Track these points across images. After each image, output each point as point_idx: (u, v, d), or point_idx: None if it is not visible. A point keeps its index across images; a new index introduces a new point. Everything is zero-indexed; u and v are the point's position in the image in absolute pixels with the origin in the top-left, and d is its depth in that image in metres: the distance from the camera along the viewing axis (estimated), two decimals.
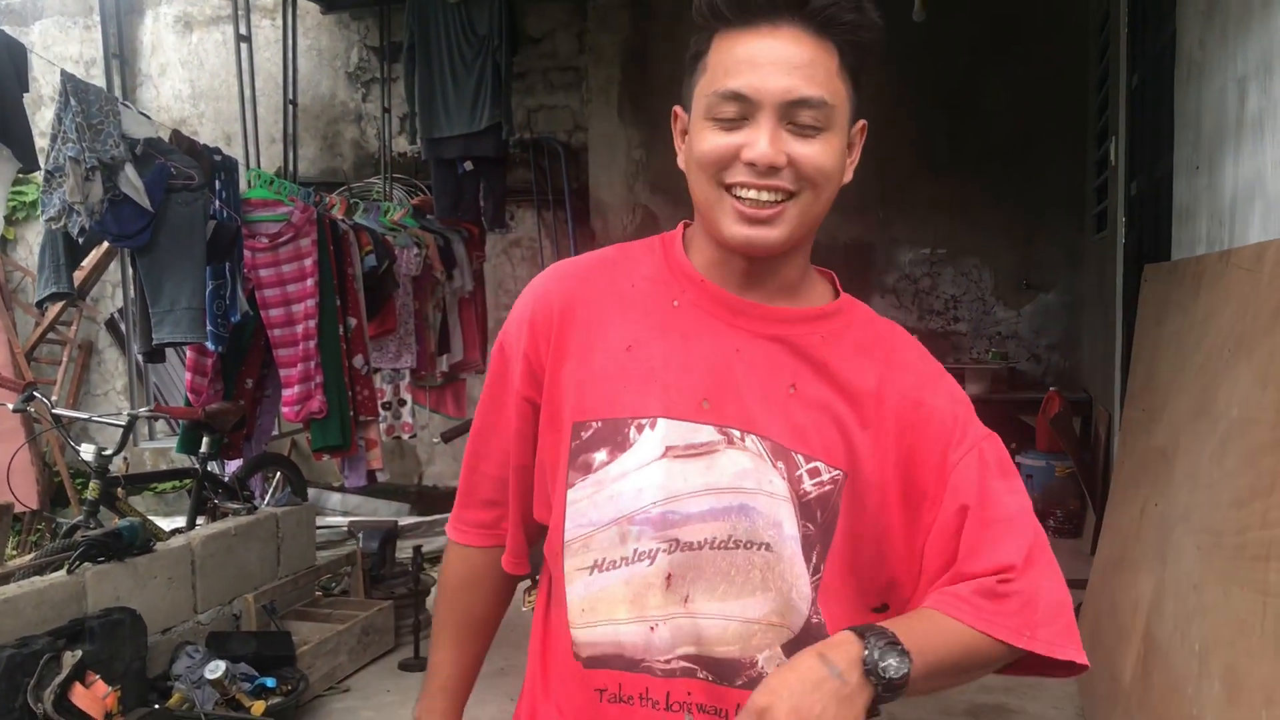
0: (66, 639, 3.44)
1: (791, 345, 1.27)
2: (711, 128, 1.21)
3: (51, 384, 8.10)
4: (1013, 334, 7.61)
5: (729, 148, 1.20)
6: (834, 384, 1.26)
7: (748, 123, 1.19)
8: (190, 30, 8.24)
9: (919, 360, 1.32)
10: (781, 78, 1.17)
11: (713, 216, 1.23)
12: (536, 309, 1.34)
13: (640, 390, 1.26)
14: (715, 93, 1.20)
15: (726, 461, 1.23)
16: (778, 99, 1.17)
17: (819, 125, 1.19)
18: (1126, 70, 5.18)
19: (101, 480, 4.33)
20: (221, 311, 4.48)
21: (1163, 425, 3.44)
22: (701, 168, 1.23)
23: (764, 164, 1.17)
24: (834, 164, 1.22)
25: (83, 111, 3.83)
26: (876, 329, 1.33)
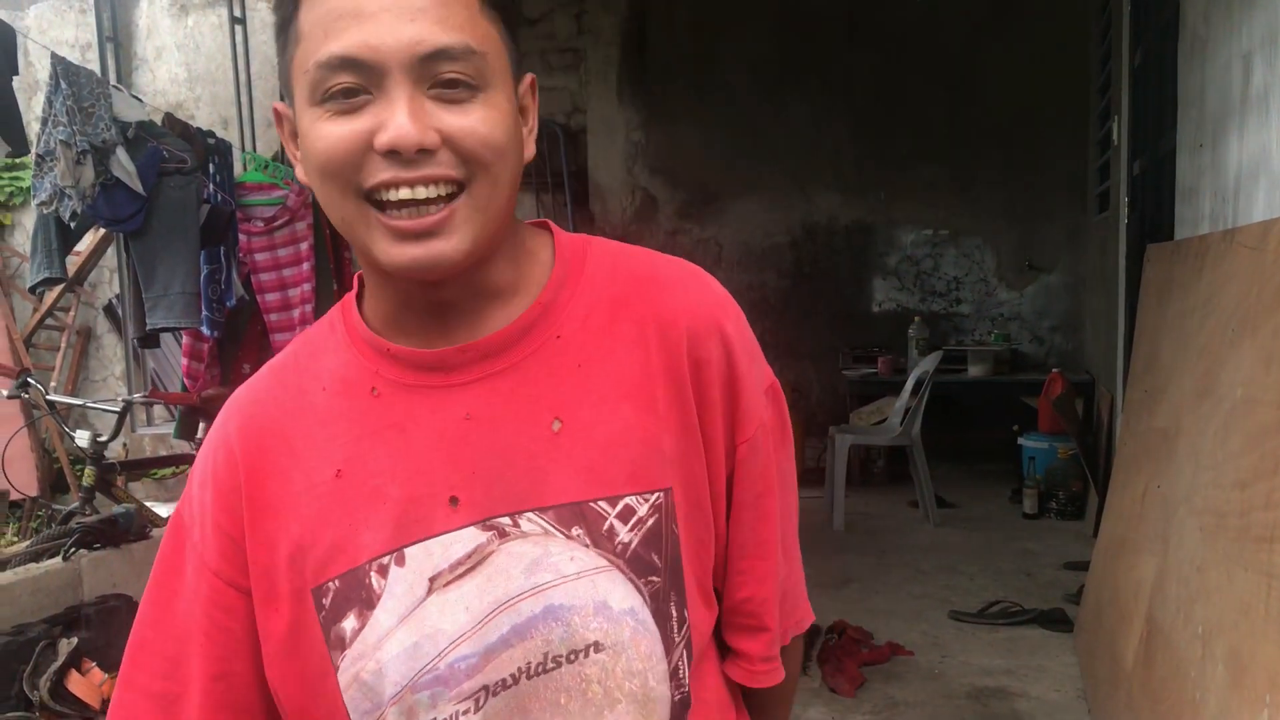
0: (62, 626, 3.42)
1: (535, 368, 0.97)
2: (323, 117, 0.88)
3: (50, 370, 8.07)
4: (1015, 315, 7.57)
5: (354, 137, 0.87)
6: (606, 381, 0.97)
7: (372, 99, 0.87)
8: (186, 13, 8.18)
9: (684, 295, 1.02)
10: (404, 25, 0.86)
11: (361, 240, 0.91)
12: (217, 463, 1.01)
13: (370, 522, 0.95)
14: (316, 64, 0.87)
15: (507, 562, 0.93)
16: (406, 55, 0.86)
17: (472, 82, 0.89)
18: (1129, 47, 5.13)
19: (97, 466, 4.30)
20: (217, 296, 4.46)
21: (1165, 406, 3.41)
22: (325, 174, 0.90)
23: (408, 146, 0.86)
24: (505, 132, 0.91)
25: (73, 95, 3.80)
26: (621, 273, 1.03)
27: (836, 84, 7.47)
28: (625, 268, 1.04)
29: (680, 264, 1.06)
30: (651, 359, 0.99)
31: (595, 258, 1.04)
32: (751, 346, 1.04)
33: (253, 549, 0.98)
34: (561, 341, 0.98)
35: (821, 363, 7.58)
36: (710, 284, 1.05)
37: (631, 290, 1.01)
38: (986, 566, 5.27)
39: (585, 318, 1.00)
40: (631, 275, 1.03)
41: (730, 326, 1.02)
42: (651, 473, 0.96)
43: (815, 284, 7.72)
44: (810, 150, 7.57)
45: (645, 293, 1.01)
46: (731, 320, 1.03)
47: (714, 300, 1.03)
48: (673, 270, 1.05)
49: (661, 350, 0.99)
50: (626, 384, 0.98)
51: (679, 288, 1.02)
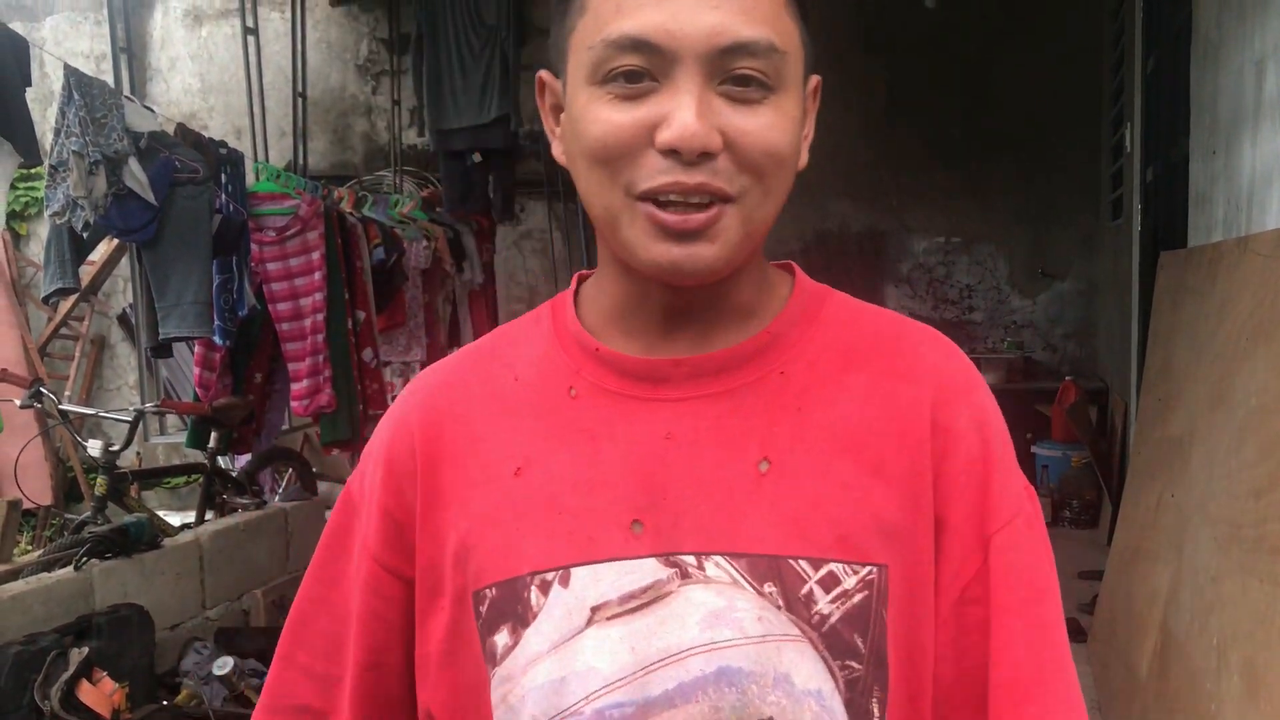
0: (74, 636, 3.43)
1: (750, 400, 0.87)
2: (602, 99, 0.81)
3: (65, 379, 8.11)
4: (1028, 323, 7.54)
5: (633, 127, 0.79)
6: (828, 431, 0.86)
7: (657, 87, 0.79)
8: (199, 24, 8.23)
9: (932, 357, 0.91)
10: (705, 12, 0.78)
11: (620, 234, 0.83)
12: (393, 444, 0.94)
13: (540, 530, 0.86)
14: (604, 41, 0.79)
15: (684, 608, 0.82)
16: (704, 44, 0.78)
17: (767, 83, 0.80)
18: (1142, 53, 5.11)
19: (109, 476, 4.31)
20: (229, 306, 4.46)
21: (1179, 414, 3.38)
22: (594, 161, 0.82)
23: (692, 148, 0.78)
24: (790, 141, 0.83)
25: (86, 105, 3.81)
26: (863, 326, 0.93)
27: (850, 91, 7.45)
28: (868, 320, 0.94)
29: (930, 329, 0.95)
30: (883, 415, 0.87)
31: (836, 304, 0.95)
32: (1005, 432, 0.91)
33: (421, 540, 0.91)
34: (784, 378, 0.88)
35: None
36: (962, 354, 0.94)
37: (871, 343, 0.91)
38: None
39: (814, 359, 0.90)
40: (874, 328, 0.93)
41: (983, 398, 0.90)
42: (865, 543, 0.83)
43: None
44: (823, 157, 7.44)
45: (887, 346, 0.91)
46: (985, 394, 0.91)
47: (966, 368, 0.92)
48: (921, 331, 0.94)
49: (897, 407, 0.87)
50: (849, 437, 0.86)
51: (927, 348, 0.91)
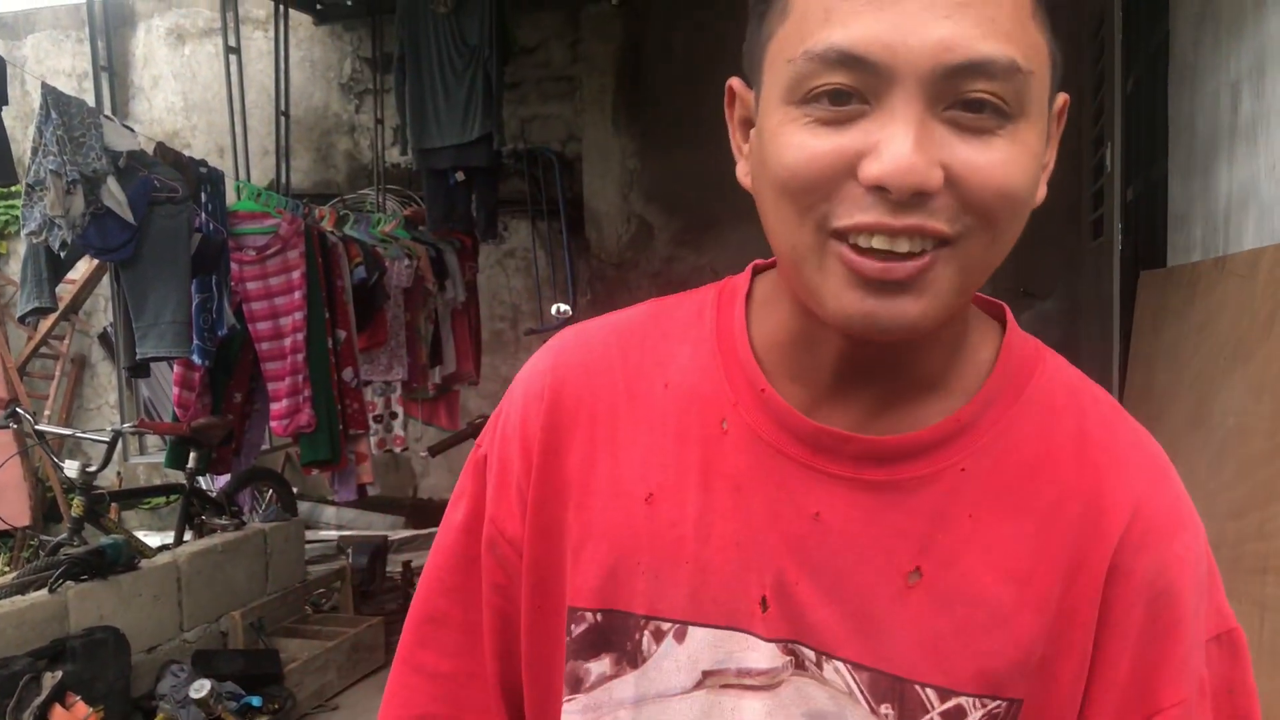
0: (48, 659, 3.39)
1: (919, 496, 0.75)
2: (801, 121, 0.68)
3: (44, 399, 8.05)
4: None
5: (834, 157, 0.67)
6: (994, 547, 0.75)
7: (867, 110, 0.66)
8: (183, 42, 8.21)
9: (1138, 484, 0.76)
10: (935, 22, 0.64)
11: (806, 277, 0.71)
12: (527, 417, 0.85)
13: (663, 571, 0.78)
14: (806, 54, 0.67)
15: (793, 698, 0.76)
16: (929, 63, 0.64)
17: (1005, 109, 0.66)
18: (1121, 74, 5.13)
19: (87, 497, 4.28)
20: (208, 325, 4.44)
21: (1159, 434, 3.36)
22: (784, 193, 0.69)
23: (905, 188, 0.64)
24: (1028, 179, 0.69)
25: (64, 124, 3.79)
26: (1070, 417, 0.78)
27: None
28: (1077, 411, 0.78)
29: (1145, 437, 0.80)
30: (1058, 543, 0.75)
31: (1045, 380, 0.79)
32: (1203, 578, 0.77)
33: (532, 528, 0.83)
34: (964, 476, 0.75)
35: None
36: (1174, 482, 0.79)
37: (1071, 447, 0.77)
38: None
39: (1003, 456, 0.76)
40: (1079, 427, 0.78)
41: (1182, 546, 0.76)
42: (1005, 680, 0.73)
43: None
44: None
45: (1087, 457, 0.76)
46: (1188, 538, 0.76)
47: (1174, 503, 0.77)
48: (1135, 446, 0.78)
49: (1076, 539, 0.75)
50: (1016, 561, 0.74)
51: (1134, 471, 0.76)
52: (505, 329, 7.76)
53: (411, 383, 5.83)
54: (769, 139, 0.70)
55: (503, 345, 7.73)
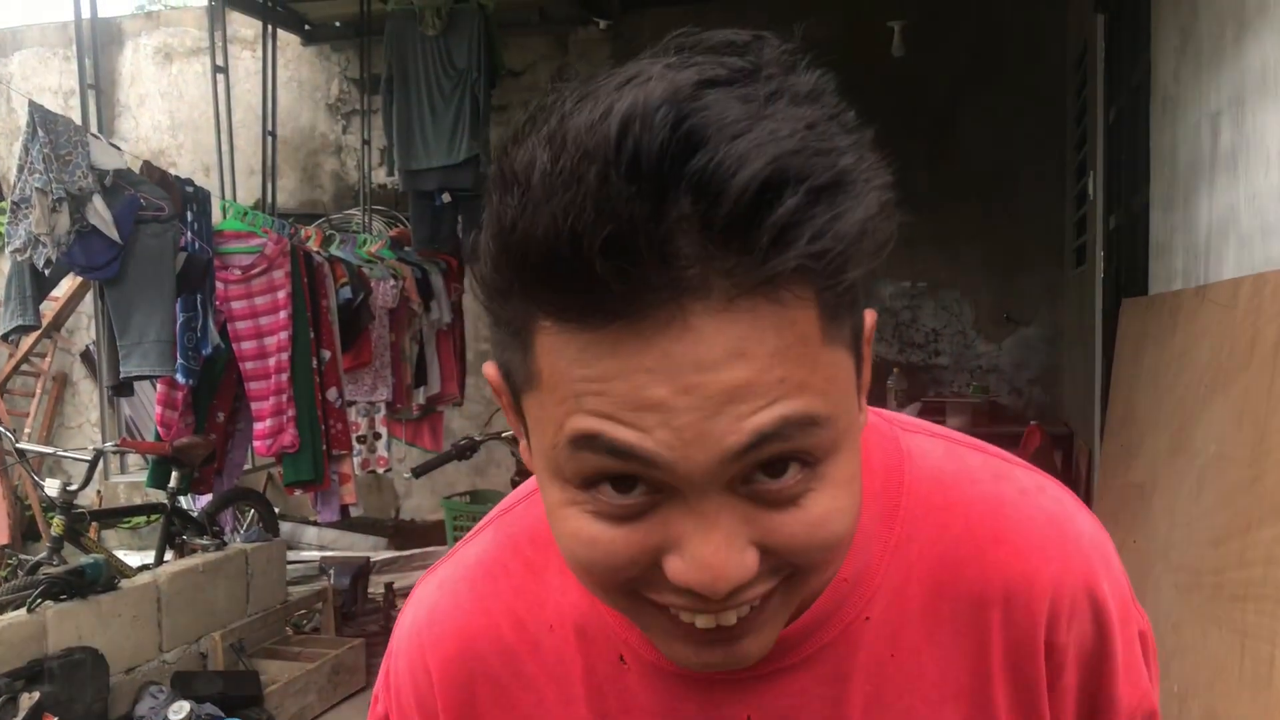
0: (25, 680, 3.36)
1: (836, 659, 0.73)
2: (584, 505, 0.59)
3: (24, 416, 8.00)
4: (994, 367, 7.59)
5: (630, 552, 0.59)
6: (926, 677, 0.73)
7: (661, 499, 0.58)
8: (170, 61, 8.22)
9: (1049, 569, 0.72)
10: (715, 417, 0.55)
11: (635, 621, 0.66)
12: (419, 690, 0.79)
13: None
14: (571, 442, 0.57)
15: None
16: (719, 457, 0.55)
17: (810, 458, 0.58)
18: (1104, 104, 5.19)
19: (67, 515, 4.25)
20: (192, 344, 4.43)
21: (1141, 461, 3.40)
22: (583, 578, 0.64)
23: (719, 590, 0.57)
24: (854, 509, 0.62)
25: (51, 142, 3.79)
26: (953, 527, 0.73)
27: None
28: (960, 511, 0.73)
29: (1036, 506, 0.74)
30: (989, 650, 0.72)
31: (915, 491, 0.74)
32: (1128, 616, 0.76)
33: None
34: (872, 624, 0.72)
35: None
36: (1078, 534, 0.74)
37: (966, 551, 0.72)
38: None
39: (901, 587, 0.72)
40: (967, 529, 0.73)
41: (1105, 588, 0.73)
42: None
43: None
44: None
45: (986, 556, 0.72)
46: (1108, 580, 0.73)
47: (1083, 560, 0.73)
48: (1026, 521, 0.73)
49: (1005, 638, 0.72)
50: (953, 682, 0.72)
51: (1036, 550, 0.72)
52: (489, 350, 7.75)
53: (396, 403, 5.82)
54: (550, 513, 0.62)
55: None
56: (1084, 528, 0.74)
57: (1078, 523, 0.74)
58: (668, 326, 0.53)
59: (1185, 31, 3.27)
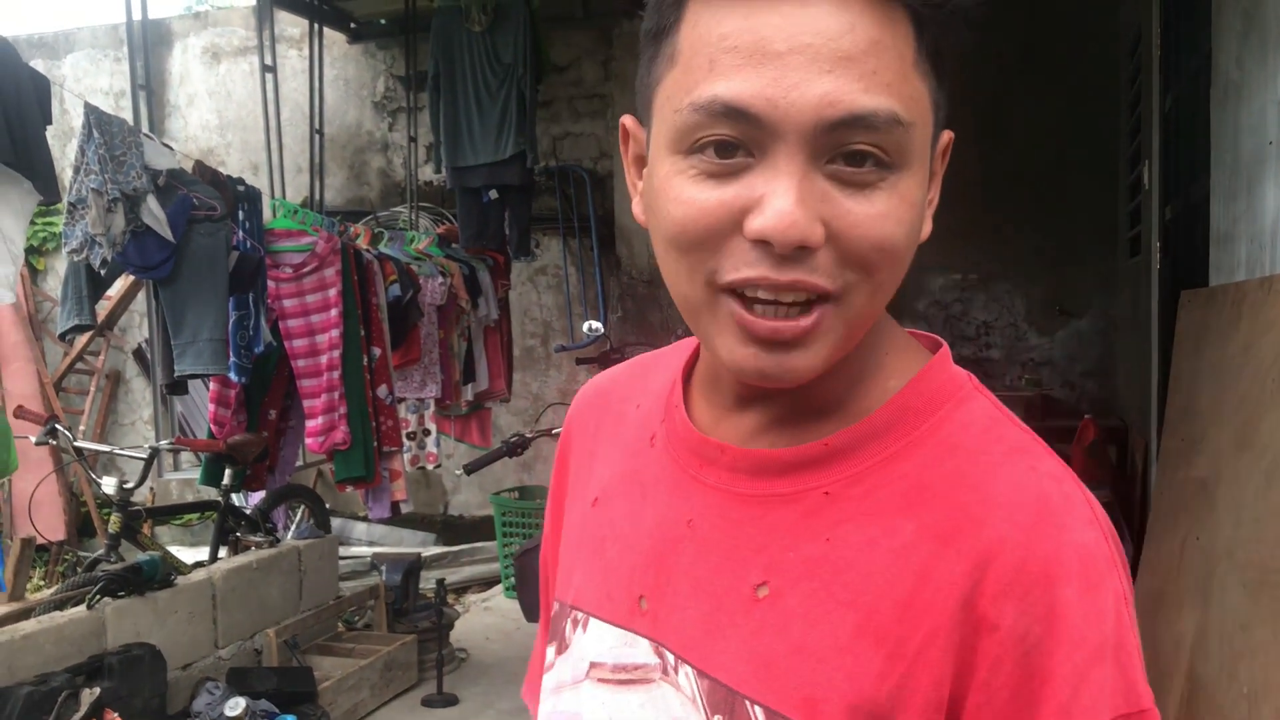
0: (85, 675, 3.40)
1: (779, 513, 0.76)
2: (686, 173, 0.69)
3: (79, 414, 8.11)
4: (1046, 360, 7.50)
5: (719, 211, 0.67)
6: (846, 576, 0.72)
7: (754, 163, 0.67)
8: (218, 61, 8.29)
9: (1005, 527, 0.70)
10: (817, 77, 0.64)
11: (702, 328, 0.73)
12: (565, 430, 1.01)
13: (585, 569, 0.86)
14: (691, 105, 0.67)
15: (663, 701, 0.78)
16: (812, 119, 0.65)
17: (886, 161, 0.67)
18: (1160, 92, 5.09)
19: (123, 513, 4.30)
20: (245, 342, 4.46)
21: (1203, 456, 3.34)
22: (673, 246, 0.71)
23: (788, 242, 0.65)
24: (909, 230, 0.70)
25: (105, 143, 3.83)
26: (956, 459, 0.74)
27: None
28: (967, 449, 0.74)
29: (1036, 485, 0.72)
30: (910, 581, 0.71)
31: (949, 417, 0.76)
32: (1104, 639, 0.68)
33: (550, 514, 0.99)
34: (827, 501, 0.75)
35: None
36: (1067, 530, 0.70)
37: (947, 485, 0.73)
38: None
39: (872, 488, 0.74)
40: (962, 464, 0.73)
41: (1070, 595, 0.68)
42: (832, 711, 0.70)
43: None
44: None
45: (957, 496, 0.72)
46: (1076, 591, 0.68)
47: (1055, 552, 0.69)
48: (1015, 489, 0.72)
49: (935, 581, 0.70)
50: (864, 593, 0.71)
51: (1006, 513, 0.71)
52: (536, 346, 7.77)
53: (444, 400, 5.84)
54: (658, 189, 0.72)
55: (534, 362, 7.74)
56: (1087, 544, 0.70)
57: (1073, 522, 0.71)
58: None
59: (1249, 16, 3.19)
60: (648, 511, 0.83)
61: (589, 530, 0.88)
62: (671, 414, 0.86)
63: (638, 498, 0.85)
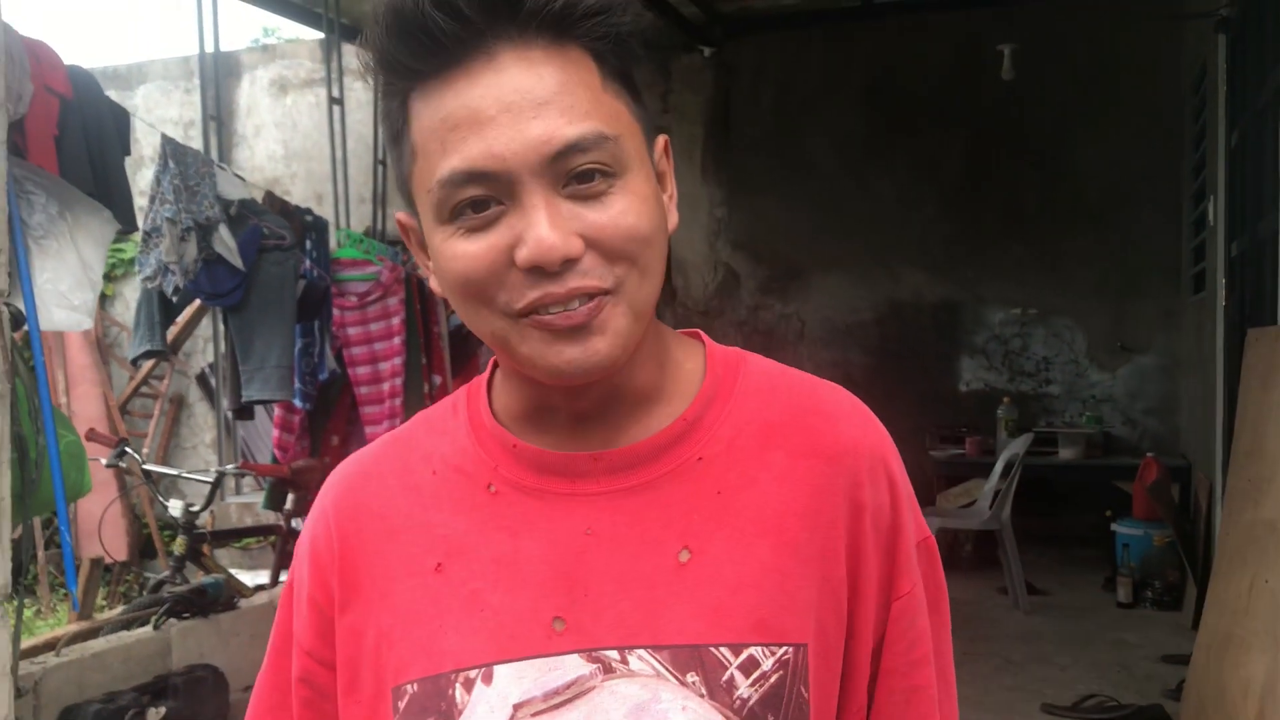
0: (151, 695, 3.45)
1: (669, 489, 0.87)
2: (455, 235, 0.80)
3: (143, 437, 8.26)
4: (1107, 397, 7.41)
5: (491, 255, 0.79)
6: (747, 514, 0.87)
7: (505, 209, 0.79)
8: (284, 93, 8.46)
9: (850, 432, 0.91)
10: (526, 125, 0.78)
11: (514, 351, 0.83)
12: (314, 535, 0.95)
13: (463, 627, 0.87)
14: (440, 183, 0.79)
15: (610, 702, 0.83)
16: (535, 157, 0.77)
17: (608, 170, 0.80)
18: (1225, 127, 5.05)
19: (188, 536, 4.37)
20: (310, 369, 4.54)
21: (1272, 497, 3.29)
22: (465, 294, 0.82)
23: (552, 261, 0.77)
24: (651, 217, 0.83)
25: (180, 174, 3.92)
26: (780, 397, 0.92)
27: (924, 161, 7.45)
28: (784, 391, 0.93)
29: (844, 393, 0.95)
30: (800, 496, 0.87)
31: (750, 375, 0.94)
32: (911, 492, 0.94)
33: (341, 632, 0.92)
34: (703, 464, 0.88)
35: (907, 443, 7.33)
36: (874, 420, 0.94)
37: (789, 417, 0.91)
38: (1079, 658, 5.10)
39: (732, 440, 0.89)
40: (790, 401, 0.92)
41: (896, 468, 0.92)
42: (783, 623, 0.84)
43: (900, 362, 7.64)
44: (896, 227, 7.54)
45: (805, 421, 0.91)
46: (896, 462, 0.93)
47: (879, 438, 0.93)
48: (838, 401, 0.94)
49: (814, 488, 0.88)
50: (767, 519, 0.87)
51: (844, 421, 0.92)
52: None
53: None
54: (438, 255, 0.83)
55: None
56: (881, 428, 0.94)
57: (873, 416, 0.94)
58: (488, 66, 0.79)
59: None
60: (528, 544, 0.87)
61: (441, 596, 0.88)
62: (508, 455, 0.90)
63: (504, 541, 0.88)
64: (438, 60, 0.80)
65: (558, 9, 0.80)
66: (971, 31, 7.15)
